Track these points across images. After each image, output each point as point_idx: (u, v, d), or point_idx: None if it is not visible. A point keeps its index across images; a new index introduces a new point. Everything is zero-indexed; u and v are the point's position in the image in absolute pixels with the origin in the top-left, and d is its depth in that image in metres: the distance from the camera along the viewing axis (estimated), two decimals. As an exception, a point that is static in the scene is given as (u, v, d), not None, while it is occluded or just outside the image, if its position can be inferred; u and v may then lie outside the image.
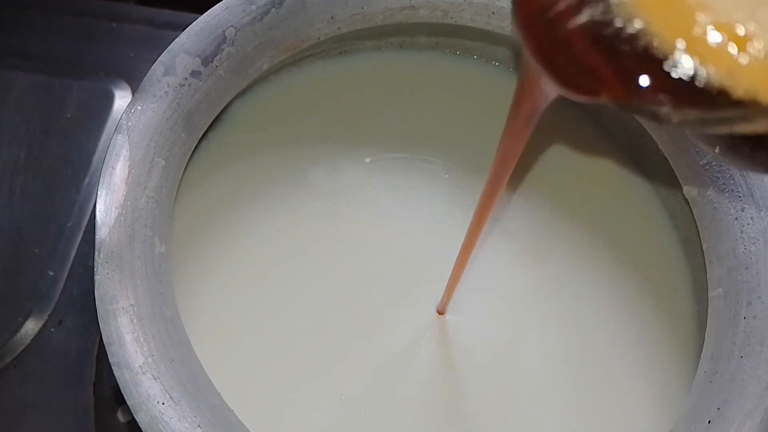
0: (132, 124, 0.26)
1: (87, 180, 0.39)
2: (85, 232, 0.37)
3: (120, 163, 0.25)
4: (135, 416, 0.23)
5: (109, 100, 0.41)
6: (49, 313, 0.35)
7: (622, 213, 0.33)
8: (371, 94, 0.35)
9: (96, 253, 0.24)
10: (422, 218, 0.33)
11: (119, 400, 0.33)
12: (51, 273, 0.36)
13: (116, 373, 0.23)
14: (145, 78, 0.27)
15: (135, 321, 0.24)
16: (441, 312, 0.31)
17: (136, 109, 0.26)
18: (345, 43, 0.35)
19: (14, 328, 0.35)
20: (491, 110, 0.34)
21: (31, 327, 0.35)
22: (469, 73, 0.36)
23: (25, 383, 0.34)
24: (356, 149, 0.34)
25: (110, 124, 0.40)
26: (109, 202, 0.25)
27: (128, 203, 0.25)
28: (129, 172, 0.25)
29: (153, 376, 0.23)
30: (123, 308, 0.24)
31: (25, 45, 0.43)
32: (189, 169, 0.30)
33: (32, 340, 0.35)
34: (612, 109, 0.24)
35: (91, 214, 0.38)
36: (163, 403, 0.23)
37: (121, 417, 0.33)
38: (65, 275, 0.36)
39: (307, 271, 0.31)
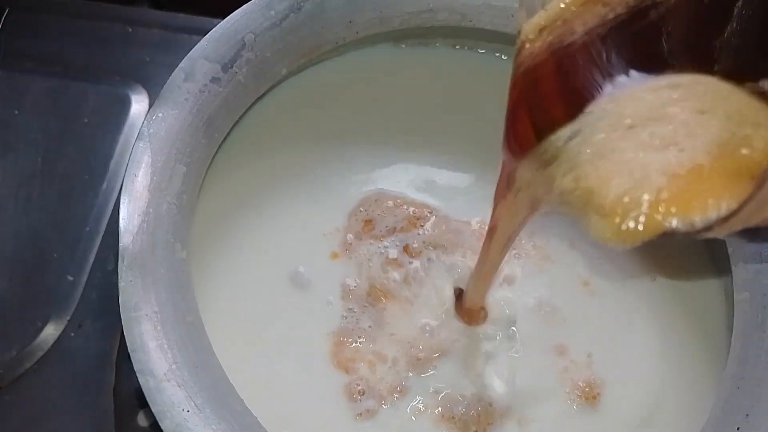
0: (153, 131, 0.26)
1: (105, 184, 0.39)
2: (103, 236, 0.37)
3: (142, 170, 0.26)
4: (160, 423, 0.23)
5: (126, 104, 0.41)
6: (68, 317, 0.35)
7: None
8: (387, 90, 0.35)
9: (120, 260, 0.24)
10: (438, 215, 0.33)
11: (140, 404, 0.33)
12: (70, 278, 0.36)
13: (140, 380, 0.23)
14: (165, 85, 0.27)
15: (159, 328, 0.24)
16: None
17: (157, 116, 0.26)
18: (361, 46, 0.35)
19: (34, 333, 0.35)
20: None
21: (50, 332, 0.35)
22: (488, 67, 0.36)
23: (45, 388, 0.34)
24: (371, 146, 0.34)
25: (127, 129, 0.40)
26: (131, 209, 0.25)
27: (150, 210, 0.25)
28: (151, 179, 0.26)
29: (177, 383, 0.23)
30: (146, 315, 0.24)
31: (40, 49, 0.43)
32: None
33: (52, 345, 0.35)
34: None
35: (109, 218, 0.38)
36: (188, 411, 0.23)
37: (141, 421, 0.33)
38: (84, 280, 0.36)
39: (329, 270, 0.31)
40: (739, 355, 0.25)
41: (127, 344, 0.23)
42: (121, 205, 0.25)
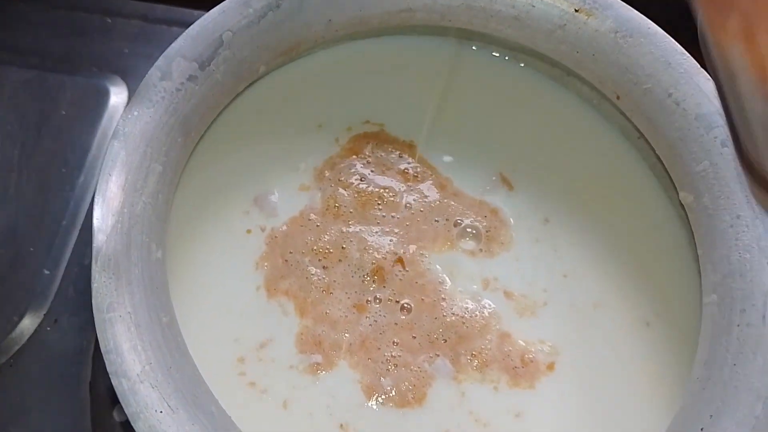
0: (128, 129, 0.26)
1: (82, 178, 0.39)
2: (80, 230, 0.37)
3: (116, 169, 0.25)
4: (133, 425, 0.23)
5: (104, 96, 0.41)
6: (44, 312, 0.35)
7: (630, 210, 0.33)
8: (369, 83, 0.35)
9: (93, 261, 0.24)
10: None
11: (115, 399, 0.33)
12: (46, 272, 0.36)
13: (114, 381, 0.23)
14: (141, 83, 0.27)
15: (132, 329, 0.24)
16: None
17: (133, 114, 0.26)
18: (340, 42, 0.35)
19: (10, 328, 0.35)
20: (487, 95, 0.34)
21: (26, 326, 0.35)
22: (474, 60, 0.35)
23: (21, 383, 0.34)
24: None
25: (105, 121, 0.40)
26: (105, 210, 0.25)
27: (125, 210, 0.25)
28: (126, 179, 0.25)
29: (151, 384, 0.23)
30: (120, 316, 0.24)
31: (17, 40, 0.42)
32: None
33: (28, 340, 0.35)
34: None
35: (86, 212, 0.37)
36: (161, 412, 0.23)
37: (116, 416, 0.33)
38: (61, 274, 0.36)
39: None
40: (706, 358, 0.25)
41: (100, 346, 0.23)
42: (95, 205, 0.25)
